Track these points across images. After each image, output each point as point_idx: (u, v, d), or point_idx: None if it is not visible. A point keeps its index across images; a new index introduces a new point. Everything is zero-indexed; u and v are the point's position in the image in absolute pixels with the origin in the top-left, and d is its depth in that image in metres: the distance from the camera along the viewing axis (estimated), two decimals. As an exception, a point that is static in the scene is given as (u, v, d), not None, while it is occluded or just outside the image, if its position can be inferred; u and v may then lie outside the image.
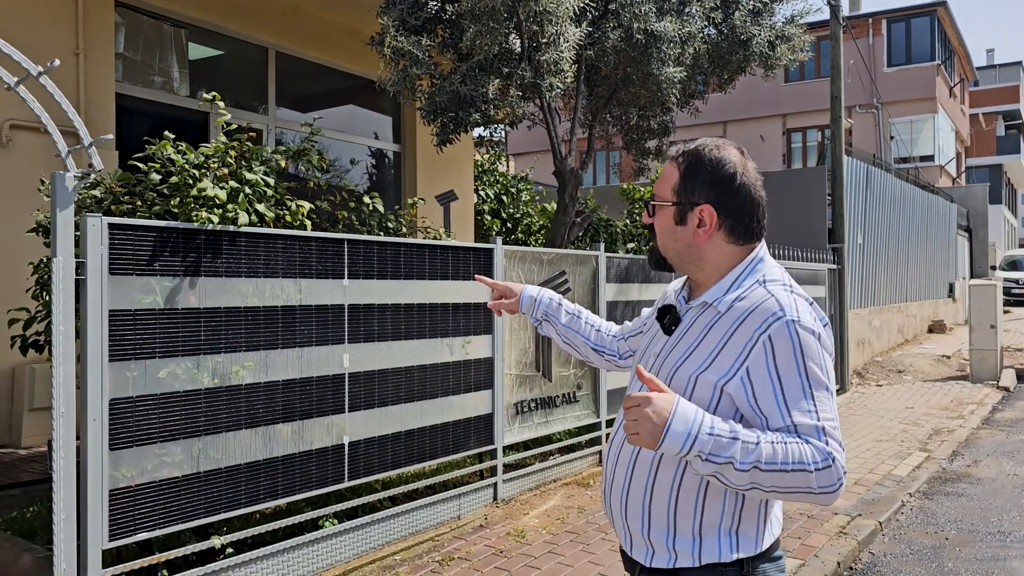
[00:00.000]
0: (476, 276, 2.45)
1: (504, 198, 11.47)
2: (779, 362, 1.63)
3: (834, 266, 10.97)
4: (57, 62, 3.03)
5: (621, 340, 2.21)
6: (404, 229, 5.25)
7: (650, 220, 1.87)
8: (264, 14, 8.00)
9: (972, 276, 24.79)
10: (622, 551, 1.89)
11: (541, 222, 10.93)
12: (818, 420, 1.61)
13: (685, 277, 1.92)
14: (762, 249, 1.81)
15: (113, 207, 3.94)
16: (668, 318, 1.85)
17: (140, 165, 3.97)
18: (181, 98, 7.43)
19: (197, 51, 7.91)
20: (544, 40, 5.70)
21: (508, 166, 20.26)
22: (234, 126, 4.13)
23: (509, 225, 11.29)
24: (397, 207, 5.40)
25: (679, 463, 1.71)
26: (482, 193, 11.25)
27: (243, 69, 8.36)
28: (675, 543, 1.74)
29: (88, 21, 6.59)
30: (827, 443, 1.59)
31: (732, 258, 1.79)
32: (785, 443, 1.56)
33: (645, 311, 2.16)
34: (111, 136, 3.33)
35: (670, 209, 1.81)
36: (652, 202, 1.86)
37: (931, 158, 27.97)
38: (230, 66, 8.35)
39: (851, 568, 4.73)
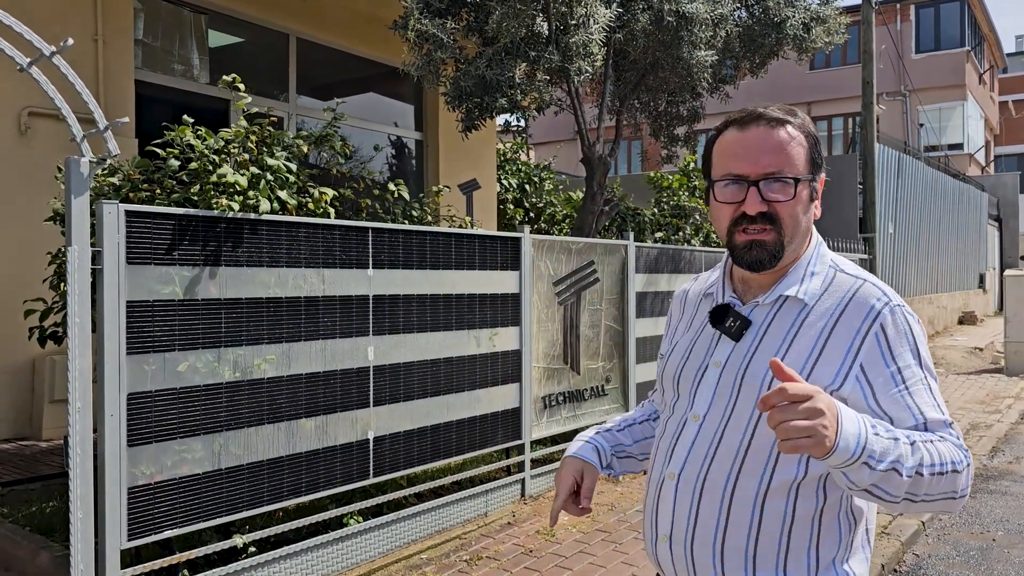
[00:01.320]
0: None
1: (527, 187, 11.29)
2: (896, 355, 1.42)
3: (865, 256, 10.72)
4: (71, 41, 2.89)
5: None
6: (429, 218, 5.09)
7: (786, 200, 1.46)
8: (285, 0, 7.85)
9: (1002, 266, 24.30)
10: None
11: (565, 211, 10.75)
12: (944, 414, 1.42)
13: (719, 271, 1.64)
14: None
15: (131, 194, 3.81)
16: (731, 320, 1.53)
17: (158, 151, 3.84)
18: (201, 85, 7.31)
19: (217, 38, 7.79)
20: (573, 22, 5.51)
21: (529, 155, 20.08)
22: (255, 109, 3.98)
23: (532, 215, 11.12)
24: (421, 195, 5.23)
25: (791, 491, 1.43)
26: (504, 182, 11.08)
27: (264, 56, 8.23)
28: None
29: (107, 7, 6.48)
30: (960, 438, 1.40)
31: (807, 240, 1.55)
32: (932, 442, 1.34)
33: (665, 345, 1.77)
34: (127, 119, 3.19)
35: (805, 187, 1.49)
36: (792, 178, 1.45)
37: (960, 146, 27.43)
38: (250, 53, 8.22)
39: (895, 571, 4.53)
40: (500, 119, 6.59)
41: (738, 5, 7.09)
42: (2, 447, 5.73)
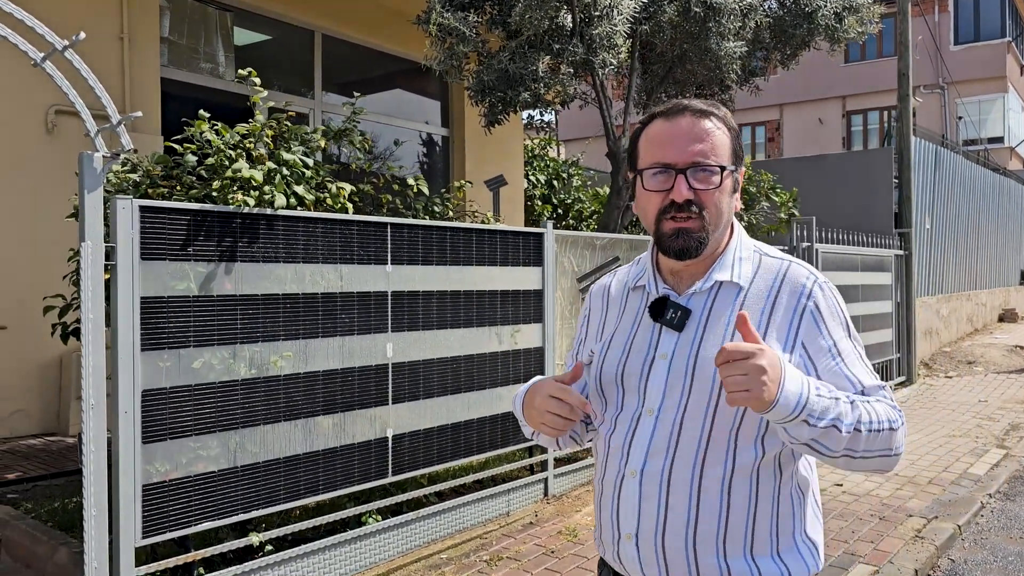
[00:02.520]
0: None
1: (555, 183, 11.20)
2: (831, 328, 1.52)
3: (901, 252, 10.46)
4: (83, 35, 2.87)
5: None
6: (451, 213, 5.03)
7: (711, 189, 1.50)
8: (310, -4, 7.85)
9: (1044, 263, 23.67)
10: None
11: (593, 207, 10.64)
12: (876, 378, 1.53)
13: (643, 265, 1.66)
14: None
15: (150, 191, 3.80)
16: (672, 312, 1.54)
17: (176, 147, 3.82)
18: (227, 82, 7.32)
19: (243, 35, 7.80)
20: (597, 13, 5.42)
21: (559, 151, 19.96)
22: (271, 104, 3.95)
23: (560, 211, 11.02)
24: (444, 191, 5.17)
25: (753, 473, 1.49)
26: (532, 178, 11.00)
27: (289, 53, 8.23)
28: (760, 571, 1.50)
29: (132, 5, 6.50)
30: (893, 400, 1.50)
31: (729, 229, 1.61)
32: (870, 403, 1.45)
33: (575, 347, 1.78)
34: (140, 113, 3.17)
35: (729, 177, 1.53)
36: (717, 167, 1.50)
37: (1000, 140, 26.75)
38: (276, 50, 8.23)
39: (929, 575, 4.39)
40: (524, 114, 6.48)
41: (768, -5, 6.94)
42: (29, 443, 5.78)
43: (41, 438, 5.90)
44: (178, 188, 3.82)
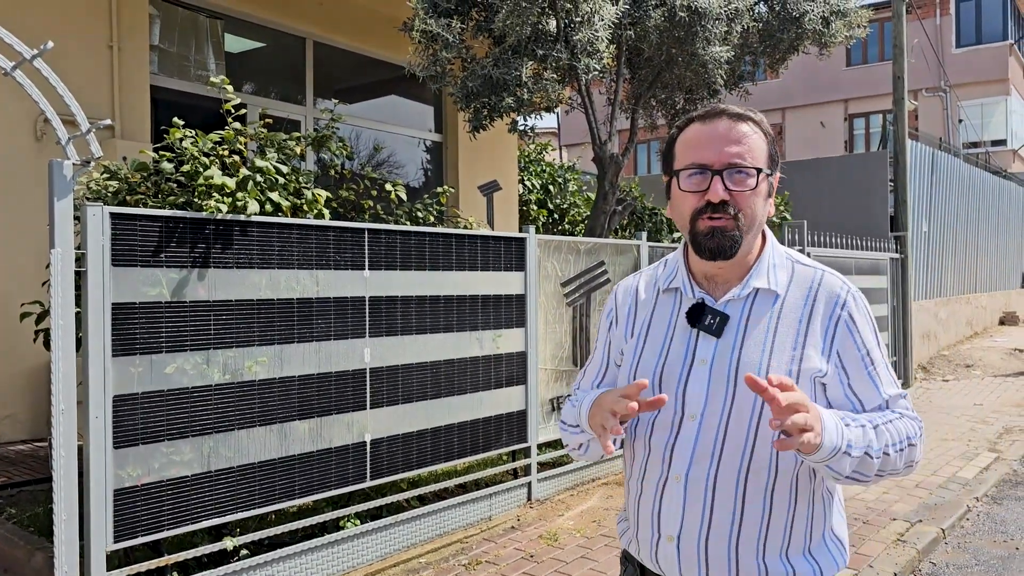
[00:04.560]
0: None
1: (551, 188, 11.22)
2: (865, 339, 1.56)
3: (896, 255, 10.44)
4: (51, 44, 2.90)
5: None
6: (432, 219, 5.05)
7: (747, 191, 1.51)
8: (301, 3, 7.89)
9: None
10: None
11: (588, 212, 10.66)
12: (898, 387, 1.59)
13: (673, 266, 1.68)
14: None
15: (128, 197, 3.83)
16: (710, 317, 1.56)
17: (153, 155, 3.85)
18: (216, 90, 7.35)
19: (234, 43, 7.84)
20: (579, 19, 5.44)
21: (561, 156, 19.96)
22: (244, 112, 3.98)
23: (556, 216, 11.05)
24: (426, 196, 5.19)
25: (793, 478, 1.53)
26: (528, 183, 11.02)
27: (281, 60, 8.27)
28: (795, 570, 1.56)
29: (122, 13, 6.55)
30: (910, 407, 1.58)
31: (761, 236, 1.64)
32: (892, 422, 1.51)
33: (603, 347, 1.78)
34: (109, 121, 3.19)
35: (764, 180, 1.55)
36: (753, 169, 1.52)
37: (1003, 142, 26.67)
38: (267, 57, 8.27)
39: (909, 579, 4.38)
40: (518, 120, 6.48)
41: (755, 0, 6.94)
42: (18, 448, 5.82)
43: (30, 443, 5.94)
44: (159, 195, 3.85)
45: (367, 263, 4.17)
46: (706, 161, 1.52)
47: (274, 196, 3.76)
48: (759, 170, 1.52)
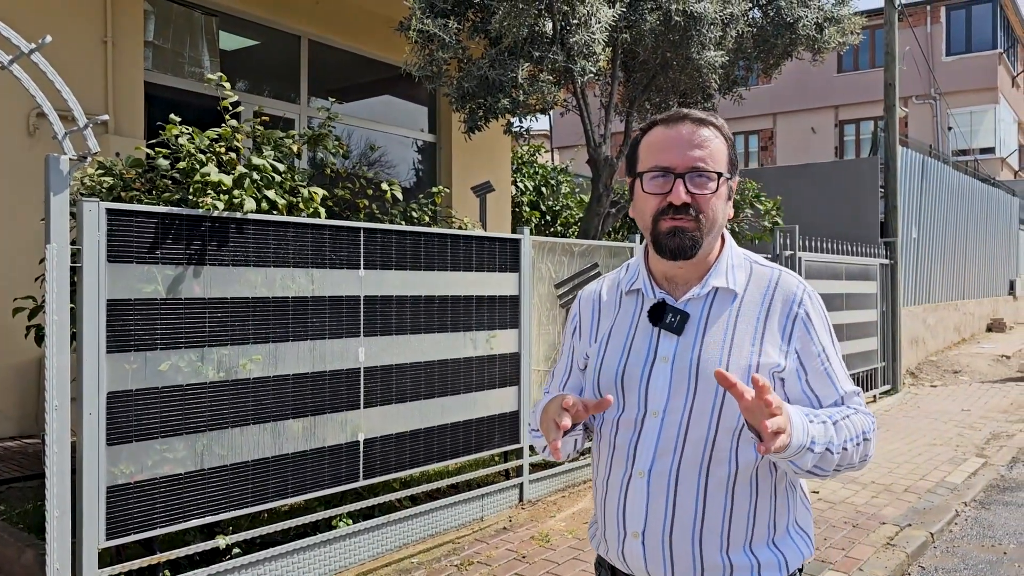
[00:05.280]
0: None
1: (544, 190, 11.24)
2: (820, 336, 1.60)
3: (886, 261, 10.51)
4: (49, 38, 2.88)
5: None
6: (427, 219, 5.05)
7: (708, 194, 1.55)
8: (296, 1, 7.87)
9: (1034, 273, 23.75)
10: None
11: (580, 214, 10.67)
12: (851, 383, 1.63)
13: (635, 269, 1.71)
14: None
15: (123, 194, 3.82)
16: (671, 315, 1.60)
17: (149, 151, 3.84)
18: (211, 87, 7.33)
19: (228, 40, 7.82)
20: (575, 21, 5.45)
21: (553, 158, 19.99)
22: (241, 109, 3.97)
23: (548, 218, 11.06)
24: (421, 196, 5.20)
25: (754, 470, 1.56)
26: (521, 185, 11.03)
27: (275, 58, 8.26)
28: (760, 561, 1.59)
29: (117, 9, 6.53)
30: (863, 403, 1.63)
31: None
32: (848, 417, 1.56)
33: (567, 354, 1.81)
34: (106, 116, 3.19)
35: (724, 184, 1.59)
36: (715, 173, 1.56)
37: (992, 150, 26.87)
38: (262, 55, 8.26)
39: (899, 583, 4.41)
40: (513, 122, 6.51)
41: (750, 5, 6.98)
42: (6, 445, 5.78)
43: (18, 440, 5.90)
44: (153, 192, 3.84)
45: (362, 262, 4.17)
46: (669, 164, 1.55)
47: (270, 194, 3.76)
48: (720, 174, 1.56)
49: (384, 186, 4.71)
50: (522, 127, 6.44)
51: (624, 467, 1.60)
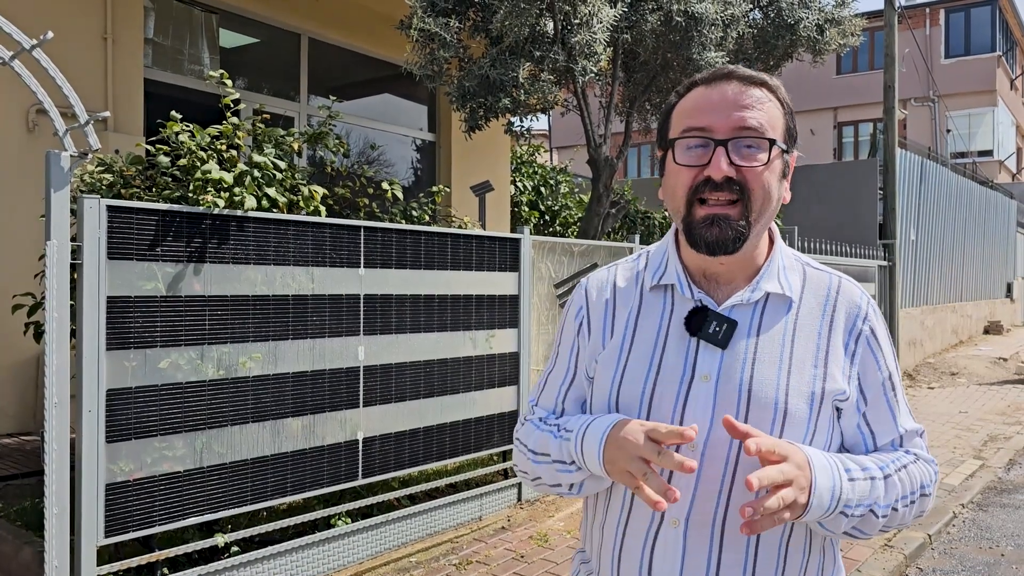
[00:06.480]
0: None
1: (543, 190, 11.24)
2: (887, 360, 1.32)
3: (885, 263, 10.53)
4: (50, 34, 2.87)
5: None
6: (427, 218, 5.05)
7: (758, 166, 1.23)
8: None
9: (1032, 276, 23.80)
10: None
11: (579, 214, 10.68)
12: (913, 420, 1.36)
13: (660, 259, 1.38)
14: None
15: (123, 191, 3.81)
16: (715, 324, 1.27)
17: (150, 148, 3.83)
18: (211, 84, 7.32)
19: (228, 37, 7.81)
20: (577, 21, 5.45)
21: (552, 158, 20.00)
22: (256, 106, 3.96)
23: (547, 217, 11.07)
24: (421, 195, 5.19)
25: (807, 524, 1.29)
26: (520, 184, 11.04)
27: (275, 56, 8.24)
28: None
29: (117, 5, 6.51)
30: (925, 446, 1.37)
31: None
32: (905, 467, 1.29)
33: (569, 353, 1.45)
34: (108, 113, 3.18)
35: (779, 157, 1.28)
36: (767, 140, 1.24)
37: (990, 153, 26.94)
38: (262, 53, 8.24)
39: (897, 584, 4.41)
40: (514, 121, 6.52)
41: (751, 6, 6.98)
42: (4, 442, 5.76)
43: (16, 437, 5.88)
44: (152, 189, 3.83)
45: (363, 261, 4.16)
46: (708, 125, 1.24)
47: (271, 192, 3.75)
48: (773, 142, 1.24)
49: (384, 185, 4.71)
50: (522, 126, 6.43)
51: (651, 513, 1.28)
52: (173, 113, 3.76)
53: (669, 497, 1.15)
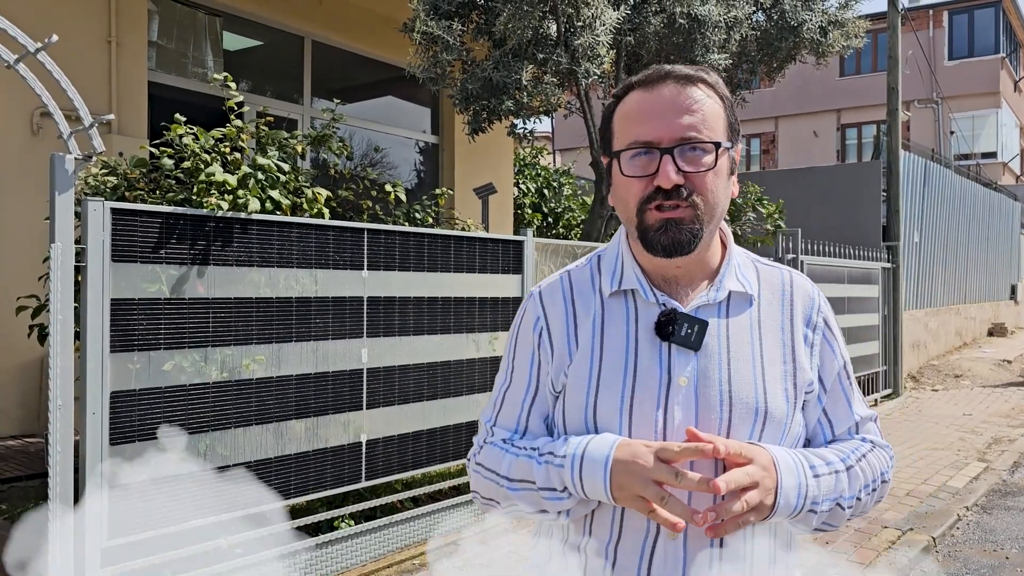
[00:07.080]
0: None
1: (545, 192, 11.24)
2: (841, 349, 1.36)
3: (888, 265, 10.50)
4: (55, 38, 2.89)
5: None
6: (430, 220, 5.05)
7: (705, 170, 1.24)
8: (300, 2, 7.88)
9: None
10: None
11: (582, 217, 10.68)
12: (866, 407, 1.40)
13: (614, 264, 1.36)
14: None
15: (127, 193, 3.82)
16: (687, 326, 1.27)
17: (154, 151, 3.84)
18: (215, 87, 7.34)
19: (232, 40, 7.83)
20: (580, 24, 5.46)
21: (555, 160, 20.03)
22: (260, 108, 3.97)
23: (550, 220, 11.07)
24: (424, 197, 5.20)
25: (791, 525, 1.31)
26: (523, 187, 11.04)
27: (279, 59, 8.26)
28: None
29: (121, 8, 6.53)
30: (879, 432, 1.41)
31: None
32: (864, 456, 1.33)
33: (530, 367, 1.38)
34: (112, 116, 3.19)
35: (724, 155, 1.27)
36: (711, 143, 1.24)
37: (993, 155, 26.90)
38: (266, 56, 8.26)
39: (901, 587, 4.41)
40: (517, 123, 6.53)
41: (754, 8, 6.98)
42: (8, 444, 5.78)
43: (20, 439, 5.90)
44: (157, 191, 3.84)
45: (366, 263, 4.17)
46: (652, 138, 1.23)
47: (274, 194, 3.76)
48: (717, 144, 1.24)
49: (388, 187, 4.71)
50: (525, 129, 6.44)
51: (645, 528, 1.25)
52: (177, 116, 3.77)
53: (697, 522, 1.14)
